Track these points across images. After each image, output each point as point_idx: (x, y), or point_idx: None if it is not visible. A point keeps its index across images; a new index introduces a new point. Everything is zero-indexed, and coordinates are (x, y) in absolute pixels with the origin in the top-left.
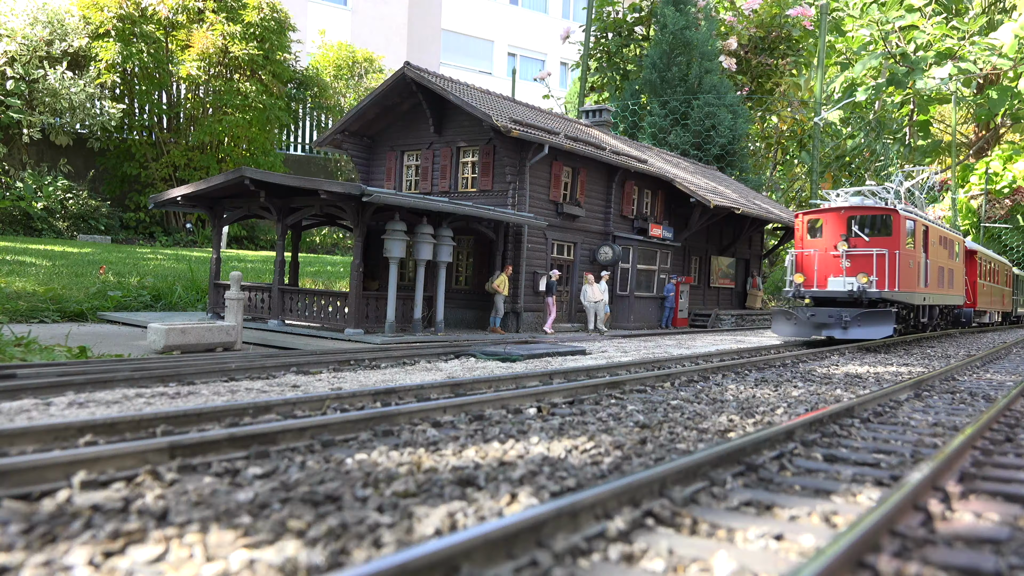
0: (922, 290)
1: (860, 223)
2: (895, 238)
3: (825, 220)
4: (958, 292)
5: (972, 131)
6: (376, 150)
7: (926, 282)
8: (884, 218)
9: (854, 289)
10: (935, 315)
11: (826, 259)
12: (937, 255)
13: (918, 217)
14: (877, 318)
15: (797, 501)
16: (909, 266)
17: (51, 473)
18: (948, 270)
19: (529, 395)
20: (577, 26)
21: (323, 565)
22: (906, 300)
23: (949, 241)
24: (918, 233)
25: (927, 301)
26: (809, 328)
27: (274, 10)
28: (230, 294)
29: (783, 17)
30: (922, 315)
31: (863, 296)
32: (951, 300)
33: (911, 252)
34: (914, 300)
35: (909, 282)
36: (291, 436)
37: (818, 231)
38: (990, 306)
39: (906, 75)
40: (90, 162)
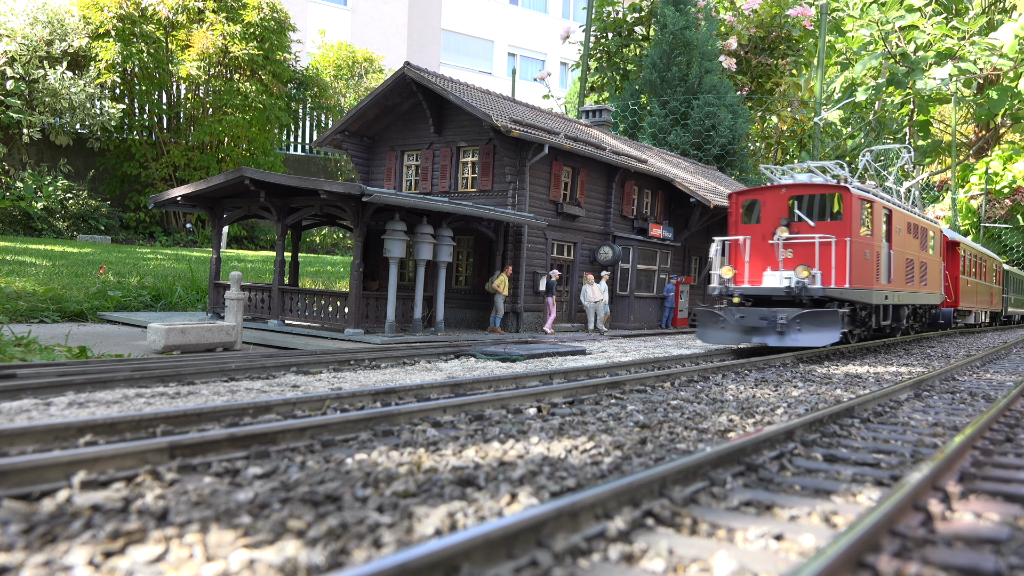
0: (883, 286)
1: (804, 205)
2: (846, 222)
3: (763, 201)
4: (934, 289)
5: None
6: (376, 150)
7: (889, 277)
8: (832, 198)
9: (791, 285)
10: (903, 316)
11: (762, 249)
12: (905, 245)
13: (877, 198)
14: (820, 320)
15: (797, 501)
16: (864, 257)
17: (51, 473)
18: (920, 263)
19: (529, 395)
20: (577, 26)
21: (323, 565)
22: (860, 298)
23: (922, 230)
24: (877, 217)
25: (891, 300)
26: (738, 333)
27: (274, 10)
28: (230, 294)
29: (783, 17)
30: (884, 316)
31: (802, 294)
32: (925, 299)
33: (867, 240)
34: (872, 299)
35: (864, 276)
36: (291, 436)
37: (755, 215)
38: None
39: (906, 75)
40: (90, 162)
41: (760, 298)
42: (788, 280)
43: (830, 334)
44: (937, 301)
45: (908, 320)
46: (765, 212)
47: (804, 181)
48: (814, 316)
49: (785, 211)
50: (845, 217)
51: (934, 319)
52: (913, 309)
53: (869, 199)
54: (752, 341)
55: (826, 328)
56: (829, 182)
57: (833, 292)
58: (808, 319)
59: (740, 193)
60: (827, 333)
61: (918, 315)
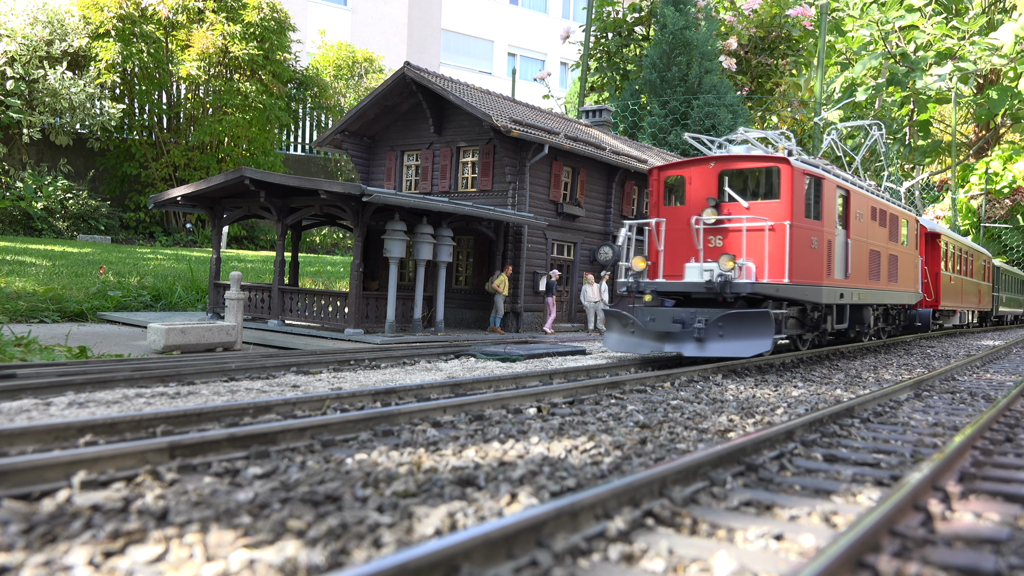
0: (838, 282)
1: (736, 181)
2: (784, 203)
3: (689, 178)
4: (908, 287)
5: (972, 131)
6: (376, 150)
7: (846, 271)
8: (768, 173)
9: (712, 279)
10: (867, 318)
11: (686, 235)
12: (869, 234)
13: (827, 174)
14: (746, 323)
15: (797, 501)
16: (810, 246)
17: (51, 473)
18: (890, 256)
19: (529, 395)
20: (577, 26)
21: (323, 565)
22: (805, 296)
23: (892, 218)
24: (829, 198)
25: (849, 299)
26: (649, 339)
27: (274, 10)
28: (230, 294)
29: (783, 17)
30: (841, 318)
31: (724, 290)
32: (897, 297)
33: (813, 226)
34: (821, 296)
35: (811, 270)
36: (291, 436)
37: (679, 194)
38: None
39: (906, 75)
40: (90, 162)
41: (679, 296)
42: (709, 273)
43: (759, 341)
44: (913, 300)
45: (876, 322)
46: (692, 191)
47: (739, 152)
48: (739, 319)
49: (714, 189)
50: (784, 196)
51: (910, 321)
52: (884, 310)
53: (816, 175)
54: (664, 350)
55: (754, 333)
56: (768, 153)
57: (765, 288)
58: (732, 322)
59: (663, 168)
60: (755, 340)
61: (890, 316)
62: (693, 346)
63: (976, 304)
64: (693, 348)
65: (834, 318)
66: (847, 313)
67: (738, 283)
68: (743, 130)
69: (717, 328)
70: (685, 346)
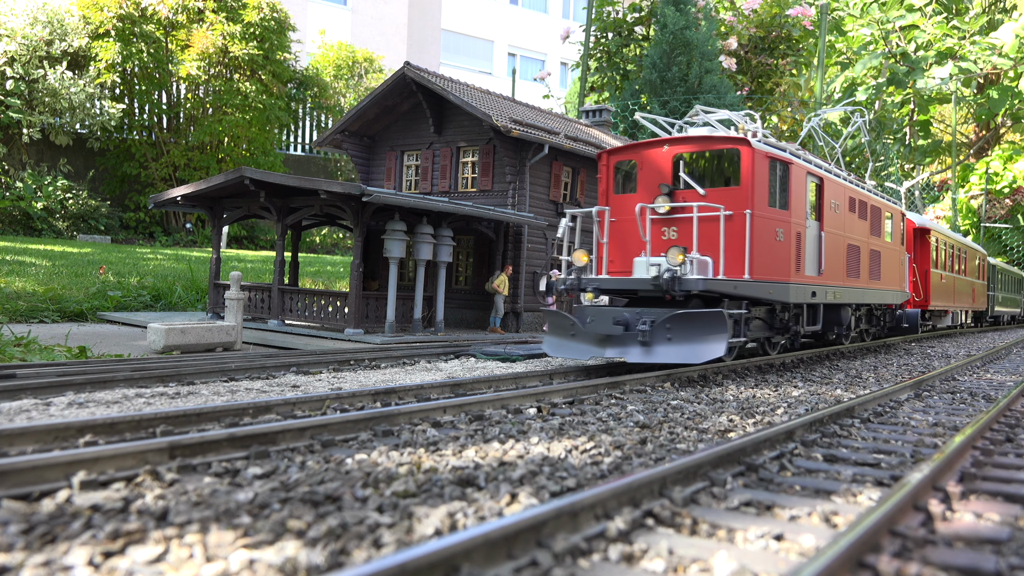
0: (810, 279)
1: (692, 166)
2: (744, 190)
3: (641, 162)
4: (893, 285)
5: (972, 131)
6: (376, 150)
7: (820, 267)
8: (726, 156)
9: (658, 273)
10: (846, 319)
11: (636, 226)
12: (847, 227)
13: (796, 159)
14: (696, 325)
15: (797, 501)
16: (775, 239)
17: (51, 473)
18: (872, 252)
19: (529, 395)
20: (577, 26)
21: (323, 565)
22: (770, 295)
23: (874, 210)
24: (798, 186)
25: (823, 297)
26: (590, 343)
27: (274, 10)
28: (230, 294)
29: (783, 17)
30: (813, 319)
31: (673, 287)
32: (880, 297)
33: (779, 216)
34: (788, 295)
35: (775, 265)
36: (291, 436)
37: (632, 180)
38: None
39: (906, 75)
40: (90, 162)
41: (628, 295)
42: (656, 268)
43: (711, 345)
44: (899, 300)
45: (858, 324)
46: (644, 177)
47: (696, 134)
48: (688, 320)
49: (668, 175)
50: (744, 182)
51: (897, 322)
52: (868, 310)
53: (783, 159)
54: (605, 355)
55: (706, 336)
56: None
57: (721, 285)
58: (681, 324)
59: (612, 151)
60: (707, 344)
61: (874, 317)
62: (638, 350)
63: (970, 304)
64: (638, 353)
65: (809, 319)
66: (820, 313)
67: (688, 279)
68: (700, 108)
69: (664, 330)
70: (629, 351)
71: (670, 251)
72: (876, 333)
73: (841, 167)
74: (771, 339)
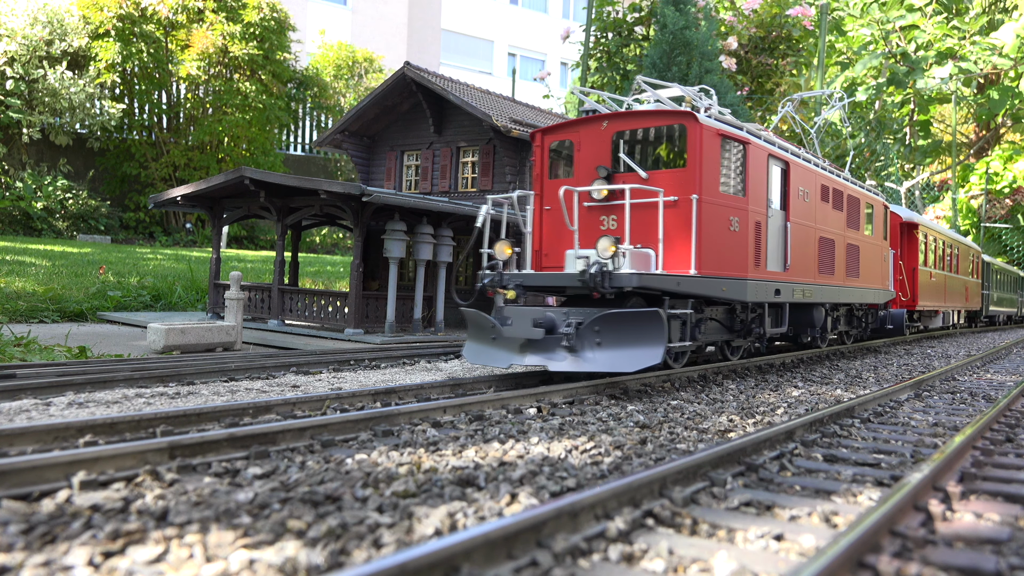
0: (773, 275)
1: (633, 145)
2: (691, 172)
3: (579, 142)
4: (875, 283)
5: (972, 131)
6: (376, 150)
7: (785, 262)
8: (670, 133)
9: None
10: (818, 320)
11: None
12: (818, 218)
13: (754, 138)
14: (630, 327)
15: (797, 501)
16: (728, 228)
17: (51, 473)
18: (849, 247)
19: (529, 395)
20: (577, 26)
21: (323, 565)
22: (723, 293)
23: (851, 200)
24: (756, 168)
25: (787, 296)
26: (510, 349)
27: (274, 10)
28: (230, 294)
29: (783, 17)
30: (779, 321)
31: (602, 284)
32: (860, 296)
33: (734, 203)
34: (745, 293)
35: (729, 258)
36: (291, 436)
37: (567, 163)
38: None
39: (906, 75)
40: (90, 162)
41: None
42: (584, 261)
43: (646, 351)
44: (882, 299)
45: (836, 325)
46: (582, 158)
47: (639, 109)
48: (619, 321)
49: (608, 156)
50: (691, 163)
51: (881, 323)
52: (848, 310)
53: (738, 138)
54: (525, 363)
55: (640, 340)
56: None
57: (661, 281)
58: (611, 325)
59: (548, 130)
60: (640, 350)
61: (854, 318)
62: (563, 357)
63: (962, 303)
64: (563, 360)
65: (774, 320)
66: (786, 314)
67: (620, 274)
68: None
69: (592, 333)
70: (553, 357)
71: (600, 242)
72: (857, 335)
73: (817, 153)
74: (730, 343)
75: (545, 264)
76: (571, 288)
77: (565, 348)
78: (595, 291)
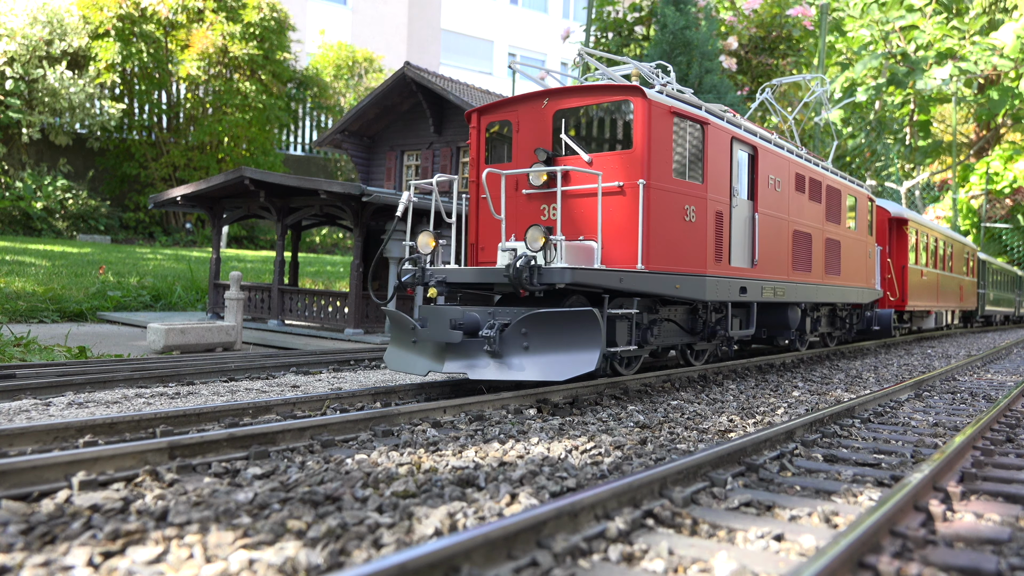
0: (739, 271)
1: (576, 125)
2: (638, 154)
3: (518, 122)
4: (859, 282)
5: (972, 131)
6: (376, 150)
7: (752, 257)
8: (616, 110)
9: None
10: (793, 321)
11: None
12: (792, 209)
13: (715, 119)
14: (560, 329)
15: (797, 501)
16: (683, 218)
17: (50, 473)
18: (828, 242)
19: (529, 395)
20: (577, 26)
21: (323, 565)
22: (674, 291)
23: (831, 192)
24: (716, 153)
25: (755, 295)
26: (428, 354)
27: (274, 10)
28: (230, 294)
29: (783, 17)
30: (746, 322)
31: (529, 280)
32: (841, 295)
33: (689, 190)
34: (704, 291)
35: (684, 252)
36: (291, 436)
37: (506, 146)
38: (935, 304)
39: (907, 75)
40: (90, 162)
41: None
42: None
43: (579, 356)
44: (868, 299)
45: (815, 326)
46: (521, 139)
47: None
48: (549, 322)
49: (549, 137)
50: (638, 145)
51: (867, 324)
52: (830, 311)
53: (696, 117)
54: (443, 370)
55: (572, 345)
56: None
57: (599, 276)
58: (540, 327)
59: (485, 109)
60: (573, 355)
61: (837, 319)
62: (487, 363)
63: (957, 303)
64: (486, 367)
65: (735, 321)
66: (754, 314)
67: (551, 269)
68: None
69: (519, 337)
70: (475, 364)
71: (529, 231)
72: (841, 337)
73: (796, 142)
74: (692, 346)
75: (481, 259)
76: (499, 285)
77: (488, 353)
78: (521, 288)
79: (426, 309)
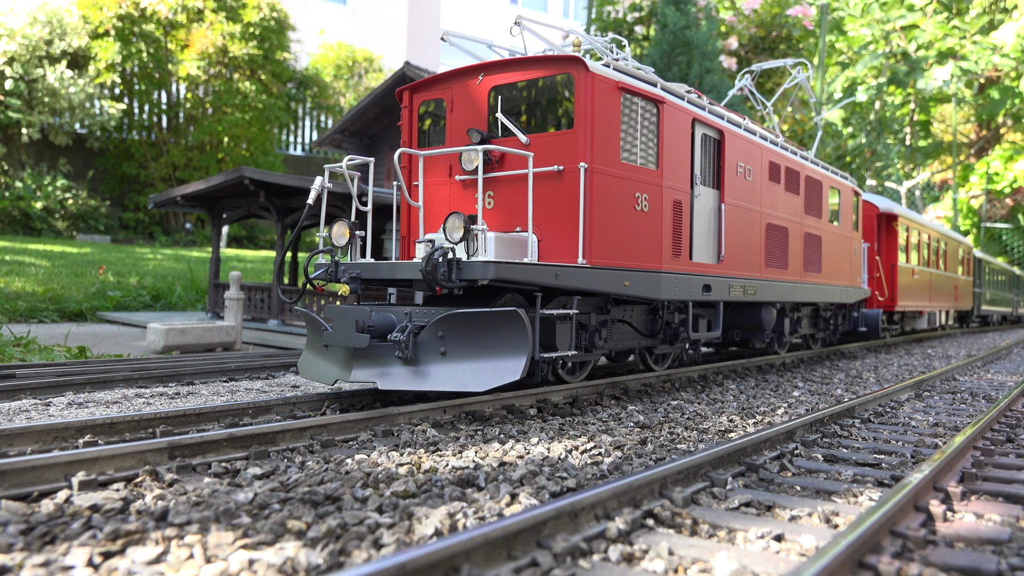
0: (700, 267)
1: (513, 101)
2: (580, 134)
3: (452, 100)
4: (844, 280)
5: (973, 131)
6: (376, 150)
7: (718, 252)
8: (556, 85)
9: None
10: (768, 323)
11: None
12: (765, 200)
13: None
14: (483, 332)
15: (798, 501)
16: (633, 208)
17: (50, 473)
18: (809, 237)
19: (529, 395)
20: (578, 26)
21: (323, 565)
22: (623, 289)
23: (811, 183)
24: (675, 136)
25: (722, 293)
26: (337, 360)
27: (274, 10)
28: (230, 294)
29: (783, 17)
30: (712, 324)
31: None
32: (824, 294)
33: (640, 176)
34: (658, 290)
35: (634, 245)
36: (291, 436)
37: (439, 127)
38: (928, 303)
39: (907, 75)
40: (90, 162)
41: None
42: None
43: (502, 363)
44: (854, 298)
45: (795, 327)
46: (455, 119)
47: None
48: (470, 323)
49: (484, 117)
50: (580, 124)
51: (854, 325)
52: (813, 311)
53: (648, 95)
54: (352, 378)
55: (496, 350)
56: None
57: (530, 272)
58: (459, 329)
59: (417, 87)
60: (496, 362)
61: (821, 319)
62: (398, 371)
63: (951, 303)
64: (398, 375)
65: (701, 322)
66: (719, 315)
67: (471, 263)
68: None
69: (436, 341)
70: (386, 372)
71: (448, 220)
72: (826, 339)
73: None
74: (652, 349)
75: (413, 253)
76: (417, 282)
77: (400, 359)
78: (437, 285)
79: (333, 309)
